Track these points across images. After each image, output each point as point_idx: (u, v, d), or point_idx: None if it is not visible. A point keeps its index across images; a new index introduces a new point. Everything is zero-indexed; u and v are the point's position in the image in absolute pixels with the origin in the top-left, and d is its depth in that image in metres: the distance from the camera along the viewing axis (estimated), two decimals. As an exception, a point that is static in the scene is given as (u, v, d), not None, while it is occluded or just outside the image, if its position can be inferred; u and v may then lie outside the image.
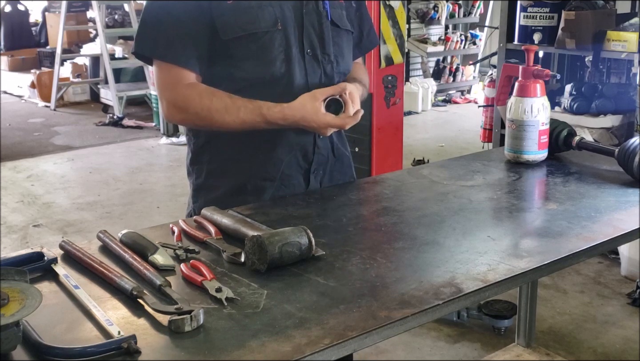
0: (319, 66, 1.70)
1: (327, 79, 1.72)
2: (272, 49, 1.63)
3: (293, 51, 1.66)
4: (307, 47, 1.68)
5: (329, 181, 1.80)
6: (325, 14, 1.71)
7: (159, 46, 1.64)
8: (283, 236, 1.29)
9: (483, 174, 1.92)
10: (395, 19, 3.84)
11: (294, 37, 1.67)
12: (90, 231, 4.31)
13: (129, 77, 8.56)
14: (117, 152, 6.59)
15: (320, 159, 1.76)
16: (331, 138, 1.77)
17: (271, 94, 1.64)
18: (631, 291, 3.48)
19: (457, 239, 1.44)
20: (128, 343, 1.00)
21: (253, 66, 1.63)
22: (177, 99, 1.65)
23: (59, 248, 1.37)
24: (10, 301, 0.98)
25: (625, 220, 1.56)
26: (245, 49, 1.62)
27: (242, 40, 1.62)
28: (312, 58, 1.69)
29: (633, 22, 3.63)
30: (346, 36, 1.78)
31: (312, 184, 1.76)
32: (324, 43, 1.71)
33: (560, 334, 3.15)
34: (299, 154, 1.72)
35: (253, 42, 1.62)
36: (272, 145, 1.69)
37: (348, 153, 1.88)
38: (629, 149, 1.81)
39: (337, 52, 1.74)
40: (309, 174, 1.75)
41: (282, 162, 1.70)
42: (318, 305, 1.15)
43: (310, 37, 1.69)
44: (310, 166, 1.75)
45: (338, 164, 1.83)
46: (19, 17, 10.95)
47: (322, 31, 1.71)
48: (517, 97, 1.93)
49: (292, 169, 1.71)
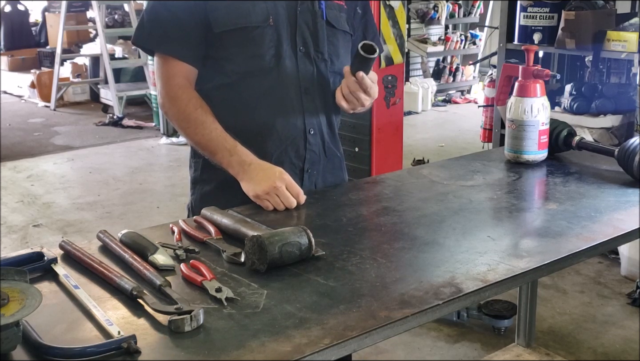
0: (311, 64, 1.74)
1: (320, 77, 1.75)
2: (263, 44, 1.68)
3: (284, 47, 1.69)
4: (299, 45, 1.72)
5: (322, 183, 1.82)
6: (321, 14, 1.74)
7: (154, 38, 1.71)
8: (283, 236, 1.29)
9: (483, 174, 1.92)
10: (395, 19, 3.84)
11: (286, 33, 1.70)
12: (90, 231, 4.31)
13: (129, 77, 8.56)
14: (117, 152, 6.59)
15: (313, 156, 1.77)
16: (322, 136, 1.79)
17: (260, 86, 1.69)
18: (631, 291, 3.48)
19: (457, 239, 1.44)
20: (128, 343, 1.00)
21: (243, 59, 1.69)
22: (170, 92, 1.71)
23: (59, 248, 1.37)
24: (10, 301, 0.98)
25: (625, 220, 1.56)
26: (236, 42, 1.67)
27: (233, 34, 1.67)
28: (304, 55, 1.73)
29: (633, 22, 3.63)
30: (342, 37, 1.80)
31: (306, 185, 1.76)
32: (317, 41, 1.74)
33: (560, 334, 3.15)
34: (290, 150, 1.74)
35: (244, 36, 1.67)
36: (262, 138, 1.71)
37: (340, 155, 1.89)
38: (629, 149, 1.81)
39: (331, 51, 1.77)
40: (303, 173, 1.77)
41: (272, 155, 1.71)
42: (318, 305, 1.15)
43: (303, 35, 1.72)
44: (303, 164, 1.76)
45: (329, 165, 1.83)
46: (19, 17, 10.94)
47: (317, 30, 1.73)
48: (517, 97, 1.93)
49: (285, 166, 1.71)
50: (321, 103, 1.76)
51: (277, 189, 1.59)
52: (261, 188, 1.59)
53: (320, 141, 1.78)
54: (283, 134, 1.72)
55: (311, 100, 1.74)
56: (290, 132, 1.73)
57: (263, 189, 1.59)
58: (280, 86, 1.70)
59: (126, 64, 8.52)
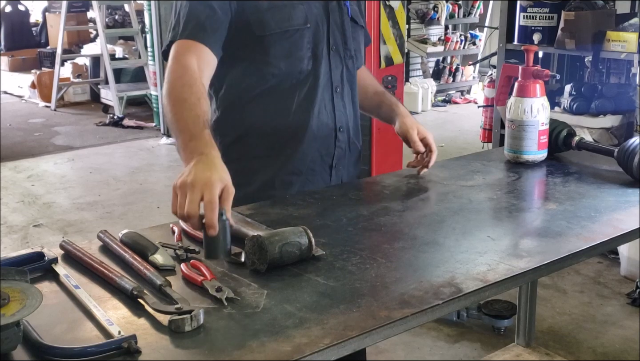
0: (341, 62, 1.76)
1: (348, 74, 1.78)
2: (302, 46, 1.68)
3: (320, 48, 1.71)
4: (332, 44, 1.73)
5: (347, 176, 1.84)
6: (346, 11, 1.77)
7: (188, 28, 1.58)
8: (283, 236, 1.29)
9: (483, 174, 1.92)
10: (395, 19, 3.84)
11: (322, 34, 1.71)
12: (91, 231, 4.31)
13: (129, 77, 8.56)
14: (118, 152, 6.59)
15: (340, 152, 1.80)
16: (348, 131, 1.81)
17: (298, 89, 1.69)
18: (631, 291, 3.48)
19: (457, 239, 1.44)
20: (128, 342, 1.01)
21: (284, 63, 1.67)
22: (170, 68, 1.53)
23: (60, 248, 1.37)
24: (10, 301, 0.98)
25: (625, 220, 1.56)
26: (278, 45, 1.66)
27: (275, 37, 1.65)
28: (336, 54, 1.75)
29: (633, 22, 3.63)
30: (361, 32, 1.85)
31: (333, 179, 1.79)
32: (345, 39, 1.76)
33: (559, 334, 3.15)
34: (322, 148, 1.76)
35: (285, 39, 1.66)
36: (298, 140, 1.72)
37: (360, 146, 1.90)
38: (629, 149, 1.81)
39: (356, 47, 1.81)
40: (332, 168, 1.79)
41: (307, 156, 1.73)
42: (318, 305, 1.15)
43: (334, 34, 1.74)
44: (332, 160, 1.78)
45: (353, 158, 1.86)
46: (19, 18, 10.94)
47: (344, 28, 1.76)
48: (516, 97, 1.93)
49: (316, 164, 1.75)
50: (349, 100, 1.80)
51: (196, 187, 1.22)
52: (183, 178, 1.24)
53: (346, 137, 1.81)
54: (317, 135, 1.73)
55: (340, 98, 1.77)
56: (322, 131, 1.74)
57: (184, 180, 1.24)
58: (317, 87, 1.71)
59: (126, 64, 8.52)
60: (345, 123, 1.79)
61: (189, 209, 1.21)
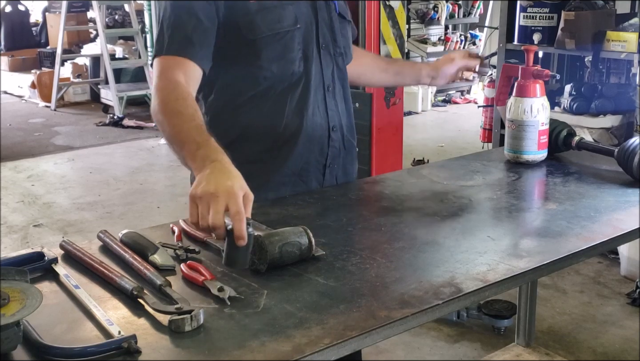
0: (331, 60, 1.74)
1: (339, 72, 1.76)
2: (293, 47, 1.65)
3: (310, 48, 1.68)
4: (322, 43, 1.71)
5: (343, 175, 1.82)
6: (333, 7, 1.74)
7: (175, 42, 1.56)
8: (283, 236, 1.29)
9: (483, 174, 1.92)
10: (395, 19, 3.84)
11: (311, 34, 1.69)
12: (91, 231, 4.31)
13: (129, 77, 8.57)
14: (118, 152, 6.59)
15: (334, 152, 1.78)
16: (342, 130, 1.79)
17: (291, 91, 1.66)
18: (631, 291, 3.48)
19: (456, 239, 1.44)
20: (128, 342, 1.01)
21: (275, 65, 1.64)
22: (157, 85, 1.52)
23: (60, 248, 1.37)
24: (10, 301, 0.98)
25: (625, 220, 1.56)
26: (269, 48, 1.63)
27: (267, 40, 1.62)
28: (326, 52, 1.72)
29: (633, 22, 3.63)
30: (349, 27, 1.82)
31: (327, 179, 1.77)
32: (334, 36, 1.74)
33: (559, 334, 3.15)
34: (316, 149, 1.74)
35: (277, 41, 1.63)
36: (292, 142, 1.70)
37: (354, 142, 1.88)
38: (629, 149, 1.81)
39: (345, 43, 1.78)
40: (325, 168, 1.77)
41: (302, 158, 1.72)
42: (318, 305, 1.15)
43: (323, 32, 1.71)
44: (325, 160, 1.76)
45: (348, 156, 1.84)
46: (19, 17, 10.94)
47: (333, 25, 1.74)
48: (516, 97, 1.93)
49: (310, 165, 1.73)
50: (340, 98, 1.78)
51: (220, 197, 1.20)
52: (203, 188, 1.21)
53: (340, 136, 1.79)
54: (311, 136, 1.72)
55: (332, 97, 1.75)
56: (316, 133, 1.73)
57: (205, 190, 1.20)
58: (309, 88, 1.68)
59: (126, 64, 8.52)
60: (338, 122, 1.77)
61: (214, 220, 1.18)
